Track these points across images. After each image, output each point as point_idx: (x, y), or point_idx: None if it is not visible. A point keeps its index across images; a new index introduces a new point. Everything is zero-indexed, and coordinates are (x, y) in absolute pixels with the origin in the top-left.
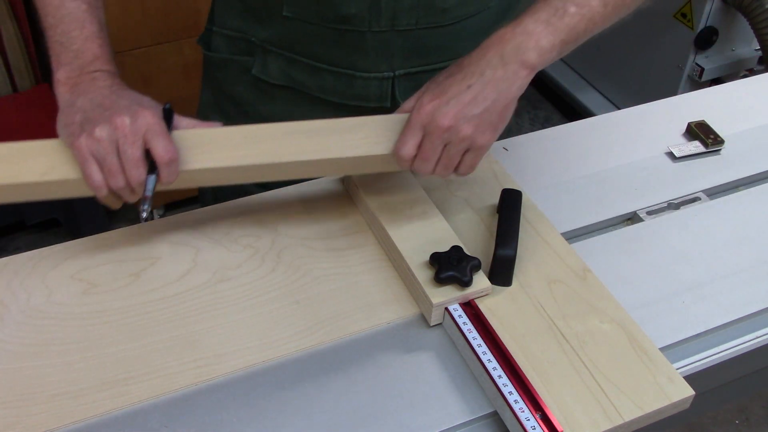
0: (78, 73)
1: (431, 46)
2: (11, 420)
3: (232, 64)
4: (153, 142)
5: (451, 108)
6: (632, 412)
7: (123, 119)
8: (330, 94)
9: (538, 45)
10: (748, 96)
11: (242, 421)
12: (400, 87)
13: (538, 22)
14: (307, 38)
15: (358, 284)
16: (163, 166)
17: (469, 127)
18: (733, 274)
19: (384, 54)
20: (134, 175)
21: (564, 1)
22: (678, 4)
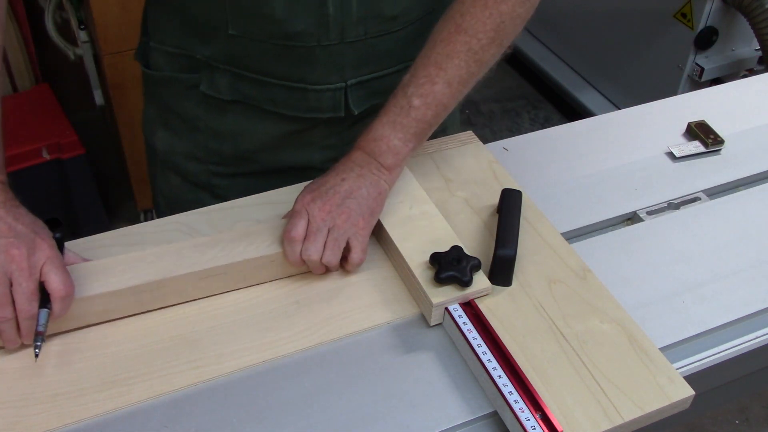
0: None
1: (381, 53)
2: (11, 420)
3: (177, 82)
4: (51, 275)
5: (329, 196)
6: (632, 412)
7: (20, 251)
8: (282, 107)
9: (389, 147)
10: (748, 96)
11: (242, 421)
12: (353, 96)
13: (385, 126)
14: (254, 55)
15: (358, 284)
16: (57, 300)
17: (346, 211)
18: (733, 274)
19: (335, 66)
20: (26, 308)
21: (408, 97)
22: (678, 4)
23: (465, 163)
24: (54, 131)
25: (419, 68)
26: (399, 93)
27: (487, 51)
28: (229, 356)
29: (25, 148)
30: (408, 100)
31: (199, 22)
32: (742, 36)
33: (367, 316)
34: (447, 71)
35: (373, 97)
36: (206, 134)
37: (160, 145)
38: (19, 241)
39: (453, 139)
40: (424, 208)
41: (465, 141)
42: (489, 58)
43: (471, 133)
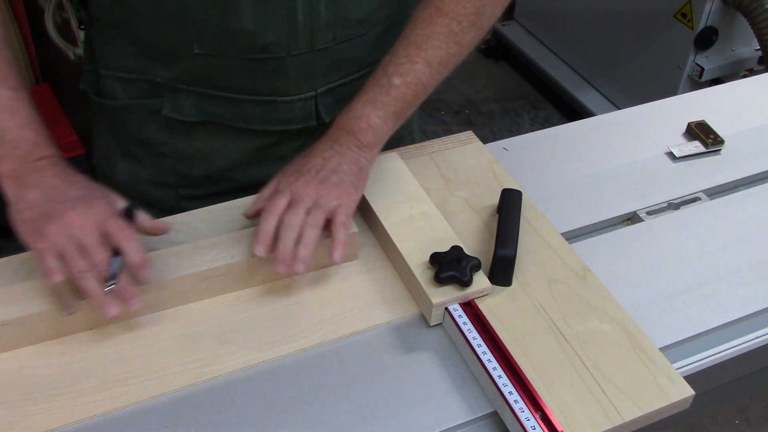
0: (20, 164)
1: (349, 59)
2: (11, 420)
3: (136, 108)
4: (108, 225)
5: (312, 175)
6: (632, 412)
7: (77, 212)
8: (252, 122)
9: (369, 125)
10: (748, 96)
11: (242, 421)
12: (323, 103)
13: (365, 104)
14: (222, 72)
15: (358, 284)
16: (122, 242)
17: (330, 186)
18: (733, 274)
19: (305, 75)
20: (99, 259)
21: (388, 76)
22: (678, 4)
23: (465, 163)
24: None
25: (399, 48)
26: (379, 72)
27: (467, 34)
28: (229, 356)
29: None
30: (388, 79)
31: (158, 45)
32: (742, 36)
33: (367, 316)
34: (427, 51)
35: (342, 103)
36: (173, 158)
37: (122, 175)
38: (74, 203)
39: (453, 139)
40: (424, 208)
41: (465, 141)
42: (469, 41)
43: (471, 133)
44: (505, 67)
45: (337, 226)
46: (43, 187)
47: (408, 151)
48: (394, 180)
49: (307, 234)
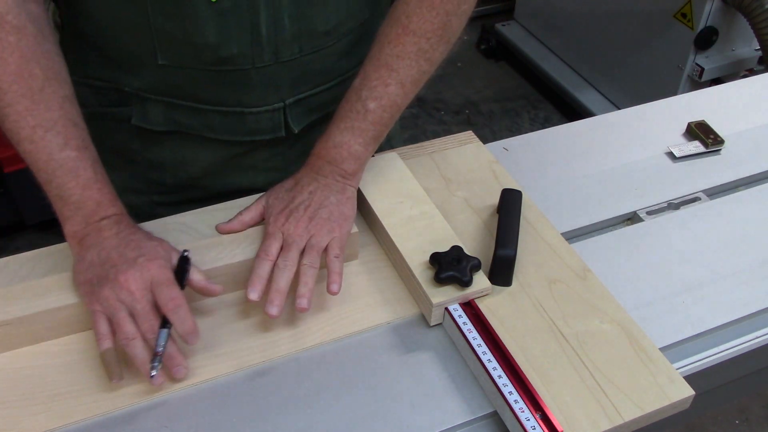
0: (83, 225)
1: (316, 70)
2: (11, 420)
3: (106, 116)
4: (157, 292)
5: (301, 213)
6: (632, 412)
7: (127, 276)
8: (220, 133)
9: (350, 153)
10: (748, 96)
11: (242, 421)
12: (292, 114)
13: (344, 132)
14: (187, 83)
15: (358, 284)
16: (169, 314)
17: (320, 222)
18: (733, 274)
19: (271, 87)
20: (147, 326)
21: (362, 100)
22: (678, 4)
23: (465, 163)
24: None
25: (370, 71)
26: (353, 97)
27: (437, 50)
28: (230, 356)
29: None
30: (363, 104)
31: (123, 55)
32: (742, 36)
33: (367, 316)
34: (399, 72)
35: (311, 114)
36: (144, 166)
37: None
38: (127, 266)
39: (453, 139)
40: (424, 208)
41: (465, 141)
42: (438, 56)
43: (471, 133)
44: (505, 67)
45: (332, 259)
46: (101, 247)
47: (408, 151)
48: (394, 180)
49: (306, 274)
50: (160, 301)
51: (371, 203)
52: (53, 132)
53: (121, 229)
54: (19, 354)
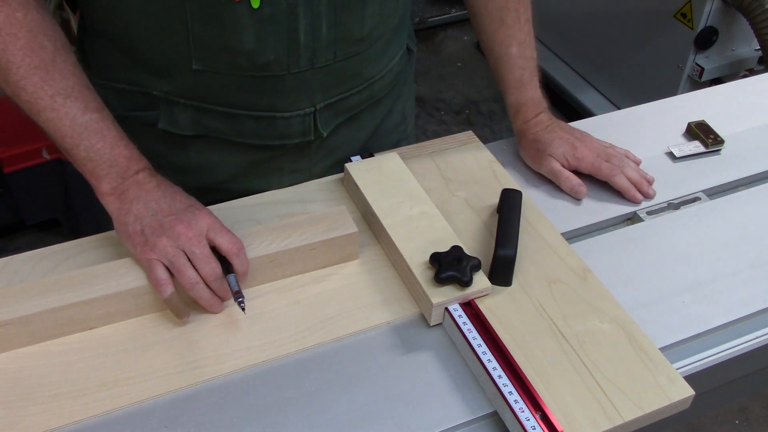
0: (120, 181)
1: (348, 75)
2: (11, 420)
3: (131, 121)
4: (217, 239)
5: (585, 141)
6: (632, 412)
7: (184, 225)
8: (250, 137)
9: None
10: (748, 96)
11: (242, 421)
12: (321, 118)
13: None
14: (220, 88)
15: (358, 284)
16: (233, 257)
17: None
18: (733, 274)
19: (304, 92)
20: (208, 271)
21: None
22: (678, 4)
23: (465, 163)
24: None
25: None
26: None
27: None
28: (229, 356)
29: (25, 148)
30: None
31: (156, 59)
32: (742, 36)
33: (367, 316)
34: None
35: (338, 116)
36: (169, 170)
37: None
38: (181, 216)
39: (453, 139)
40: (424, 208)
41: (465, 141)
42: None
43: (471, 133)
44: None
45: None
46: (146, 199)
47: (408, 151)
48: (394, 180)
49: None
50: (223, 246)
51: (371, 203)
52: (72, 98)
53: (160, 181)
54: (19, 354)
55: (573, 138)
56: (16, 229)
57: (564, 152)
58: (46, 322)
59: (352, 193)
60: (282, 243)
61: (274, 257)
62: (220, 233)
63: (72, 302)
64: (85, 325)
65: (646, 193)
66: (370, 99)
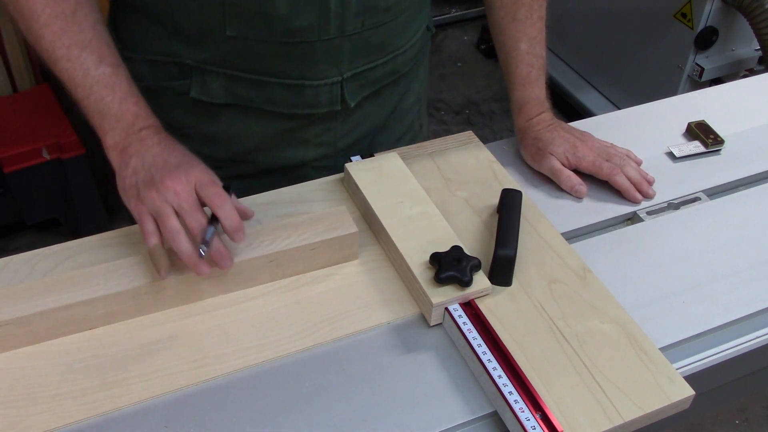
0: (124, 136)
1: (374, 45)
2: (11, 420)
3: (163, 91)
4: (202, 192)
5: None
6: (632, 412)
7: (173, 178)
8: (279, 105)
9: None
10: (748, 96)
11: (242, 421)
12: (348, 89)
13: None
14: (252, 55)
15: (358, 284)
16: (216, 210)
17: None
18: (733, 274)
19: (333, 60)
20: (193, 223)
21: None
22: (678, 4)
23: (465, 163)
24: (54, 131)
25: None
26: (520, 62)
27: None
28: (229, 356)
29: (25, 148)
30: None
31: (188, 27)
32: (742, 36)
33: (367, 316)
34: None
35: (364, 88)
36: (197, 140)
37: None
38: (172, 170)
39: (453, 139)
40: (424, 208)
41: (465, 141)
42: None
43: (471, 133)
44: None
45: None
46: (143, 155)
47: (408, 151)
48: (394, 180)
49: None
50: (206, 199)
51: (371, 203)
52: (88, 51)
53: (162, 139)
54: (19, 354)
55: (574, 137)
56: (16, 229)
57: (564, 151)
58: (46, 322)
59: (352, 193)
60: (282, 243)
61: (274, 257)
62: (207, 187)
63: (72, 302)
64: (85, 325)
65: (646, 194)
66: (394, 73)
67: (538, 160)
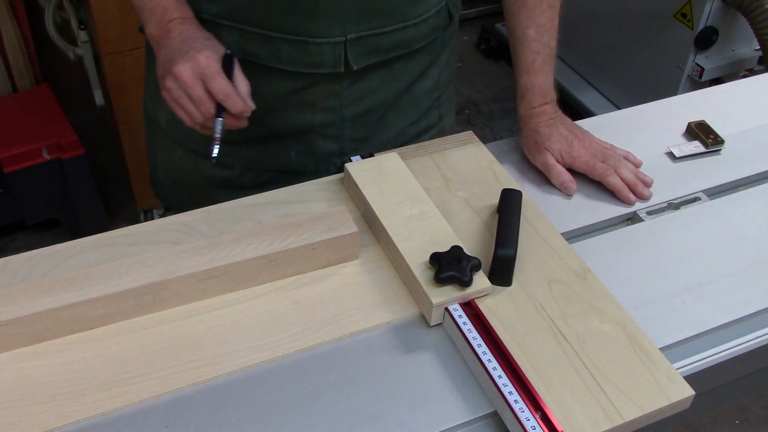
0: (157, 29)
1: (380, 10)
2: (11, 420)
3: None
4: (208, 83)
5: (581, 142)
6: (632, 412)
7: (179, 68)
8: (285, 63)
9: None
10: (748, 96)
11: (242, 421)
12: (352, 51)
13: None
14: (259, 8)
15: (358, 284)
16: (222, 103)
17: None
18: (733, 274)
19: (336, 18)
20: (203, 111)
21: (547, 46)
22: (678, 4)
23: (465, 163)
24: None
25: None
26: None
27: None
28: (229, 356)
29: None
30: (551, 50)
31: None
32: (742, 36)
33: (367, 316)
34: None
35: (370, 55)
36: None
37: (164, 117)
38: (180, 59)
39: (453, 139)
40: (424, 208)
41: (465, 141)
42: None
43: (471, 133)
44: (505, 67)
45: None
46: (168, 47)
47: (408, 151)
48: (394, 180)
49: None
50: (212, 92)
51: (371, 203)
52: None
53: (183, 30)
54: (19, 354)
55: (572, 135)
56: (16, 229)
57: (560, 148)
58: (46, 322)
59: (352, 193)
60: (282, 243)
61: (274, 257)
62: (211, 79)
63: (72, 302)
64: (85, 325)
65: (640, 195)
66: (403, 46)
67: (534, 153)
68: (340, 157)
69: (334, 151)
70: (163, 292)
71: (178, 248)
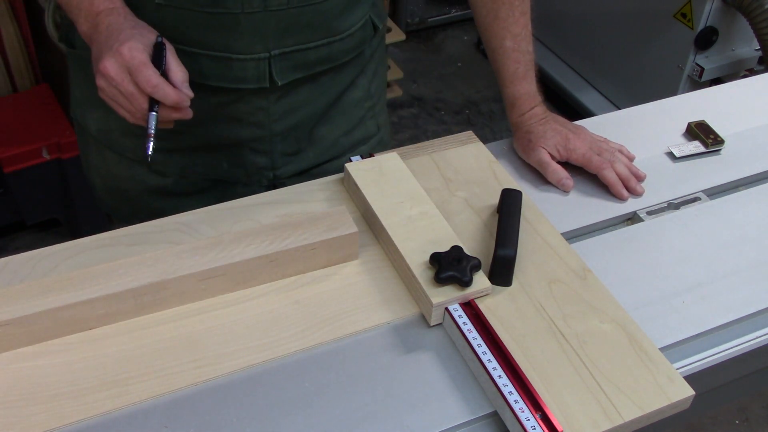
0: (87, 25)
1: (304, 25)
2: (11, 420)
3: None
4: (134, 76)
5: (578, 136)
6: (632, 412)
7: (105, 64)
8: (208, 78)
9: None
10: (748, 96)
11: (242, 421)
12: (277, 67)
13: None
14: (181, 24)
15: (358, 284)
16: (152, 94)
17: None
18: (733, 274)
19: (258, 35)
20: (136, 107)
21: (526, 53)
22: (678, 4)
23: (465, 163)
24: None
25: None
26: (508, 59)
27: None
28: (229, 356)
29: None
30: (530, 57)
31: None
32: (742, 36)
33: (367, 316)
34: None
35: (296, 70)
36: None
37: (94, 124)
38: (106, 56)
39: (453, 139)
40: (424, 208)
41: (465, 141)
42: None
43: (471, 133)
44: None
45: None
46: (97, 42)
47: (408, 151)
48: (394, 180)
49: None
50: (140, 86)
51: (371, 203)
52: None
53: (111, 22)
54: (19, 354)
55: (566, 130)
56: (16, 229)
57: (556, 143)
58: (46, 322)
59: (352, 193)
60: (282, 243)
61: (274, 257)
62: (136, 71)
63: (72, 302)
64: (85, 325)
65: (633, 190)
66: (330, 60)
67: (528, 152)
68: (272, 170)
69: (265, 165)
70: (163, 292)
71: (178, 248)
